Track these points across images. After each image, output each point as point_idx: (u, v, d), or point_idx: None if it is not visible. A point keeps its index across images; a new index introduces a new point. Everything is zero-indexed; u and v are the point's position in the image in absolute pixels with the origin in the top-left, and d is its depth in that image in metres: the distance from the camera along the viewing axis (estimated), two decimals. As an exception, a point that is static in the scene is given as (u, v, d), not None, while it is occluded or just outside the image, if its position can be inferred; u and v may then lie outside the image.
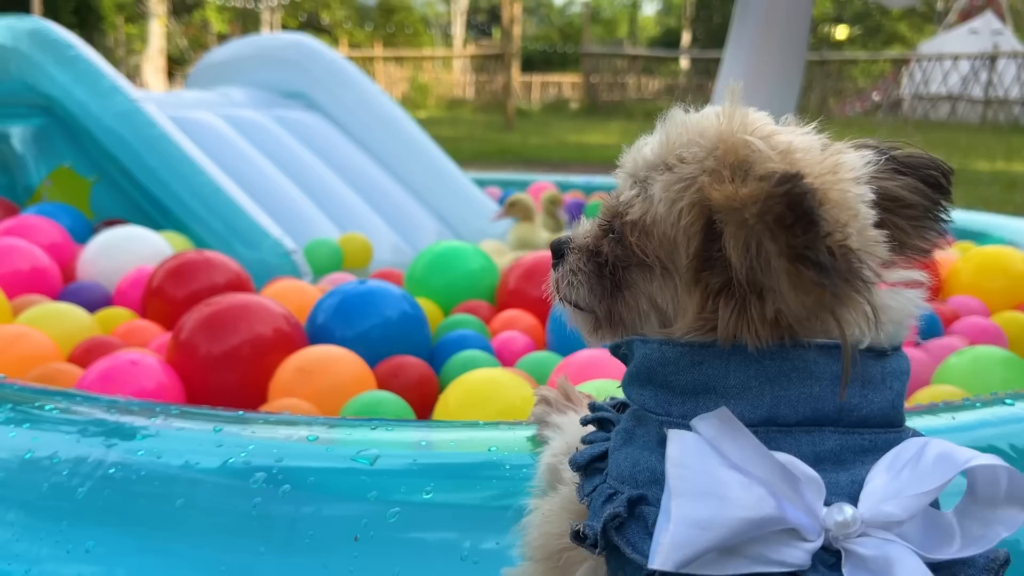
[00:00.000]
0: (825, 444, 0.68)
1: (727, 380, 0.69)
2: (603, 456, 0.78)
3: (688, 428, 0.68)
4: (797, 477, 0.64)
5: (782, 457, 0.64)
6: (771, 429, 0.68)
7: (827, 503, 0.64)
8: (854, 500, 0.65)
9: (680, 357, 0.71)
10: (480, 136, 13.78)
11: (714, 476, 0.63)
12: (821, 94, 18.91)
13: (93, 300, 2.60)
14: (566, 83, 23.25)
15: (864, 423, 0.69)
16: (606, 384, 1.16)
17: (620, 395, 1.08)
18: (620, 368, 1.65)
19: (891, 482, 0.65)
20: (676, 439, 0.65)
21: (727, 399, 0.69)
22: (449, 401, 1.59)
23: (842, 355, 0.67)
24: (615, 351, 0.82)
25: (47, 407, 1.38)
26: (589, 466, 0.78)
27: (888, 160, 0.77)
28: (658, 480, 0.67)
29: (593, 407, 0.87)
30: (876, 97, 18.84)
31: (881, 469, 0.66)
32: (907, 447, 0.67)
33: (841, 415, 0.68)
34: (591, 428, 0.87)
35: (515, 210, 3.84)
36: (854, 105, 18.82)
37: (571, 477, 0.83)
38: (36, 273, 2.65)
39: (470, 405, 1.55)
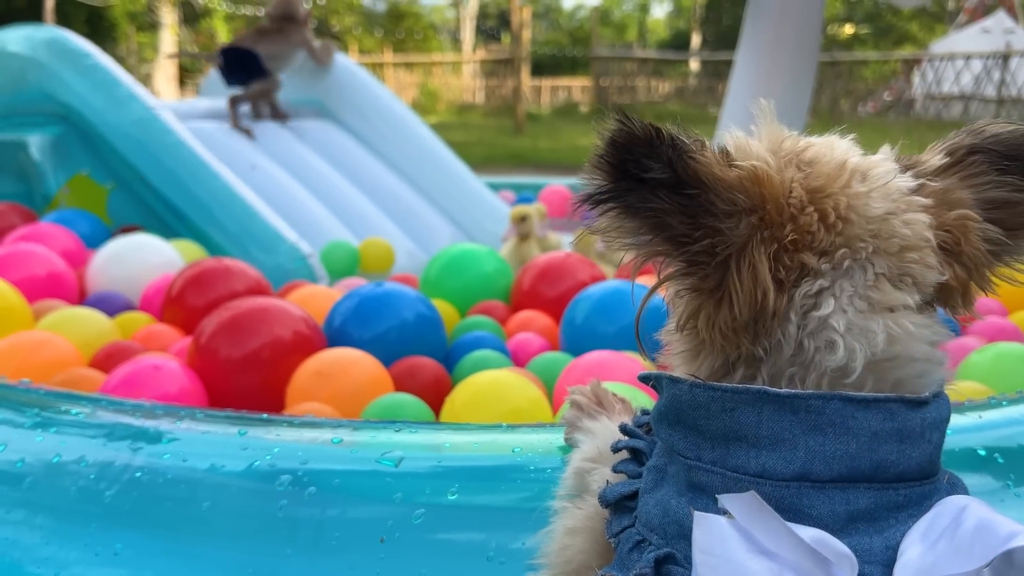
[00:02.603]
0: (859, 502, 0.65)
1: (759, 430, 0.66)
2: (633, 495, 0.75)
3: (719, 474, 0.67)
4: (828, 559, 0.61)
5: (811, 534, 0.62)
6: (803, 485, 0.65)
7: (862, 574, 0.62)
8: (888, 568, 0.63)
9: (711, 402, 0.68)
10: (490, 140, 13.79)
11: (743, 565, 0.61)
12: (832, 95, 18.83)
13: (115, 310, 2.62)
14: (576, 87, 23.22)
15: (900, 478, 0.66)
16: (616, 387, 1.16)
17: (642, 400, 1.09)
18: (627, 370, 1.66)
19: (926, 554, 0.62)
20: (702, 523, 0.63)
21: (759, 449, 0.66)
22: (456, 403, 1.60)
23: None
24: (646, 380, 0.80)
25: (73, 411, 1.39)
26: (618, 503, 0.77)
27: (987, 157, 0.73)
28: (686, 535, 0.65)
29: (625, 430, 0.84)
30: (888, 97, 18.75)
31: (916, 538, 0.63)
32: (943, 511, 0.64)
33: (877, 472, 0.66)
34: (621, 441, 0.84)
35: (525, 226, 3.66)
36: (866, 105, 18.73)
37: (597, 488, 0.81)
38: (53, 279, 2.67)
39: (477, 407, 1.55)
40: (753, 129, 0.74)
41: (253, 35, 4.54)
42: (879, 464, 0.65)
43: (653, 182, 0.65)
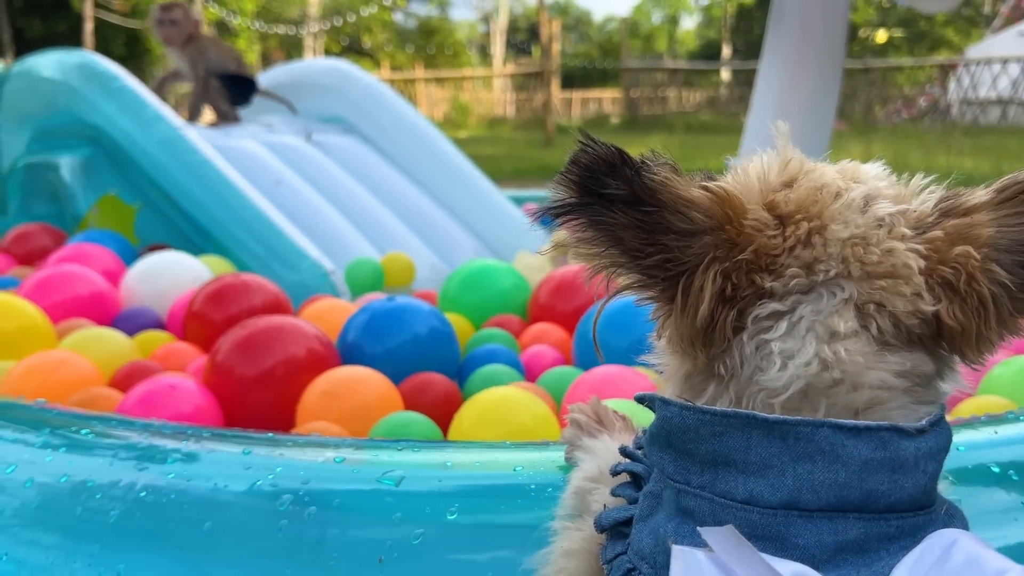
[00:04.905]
0: (848, 533, 0.64)
1: (748, 455, 0.66)
2: (629, 521, 0.75)
3: (707, 500, 0.66)
4: None
5: (792, 569, 0.61)
6: (791, 513, 0.64)
7: None
8: None
9: (701, 425, 0.68)
10: (520, 153, 13.80)
11: None
12: (866, 102, 18.62)
13: (145, 326, 2.65)
14: (606, 98, 23.23)
15: (891, 509, 0.65)
16: (618, 404, 1.15)
17: (644, 417, 1.07)
18: (634, 385, 1.64)
19: None
20: (680, 558, 0.62)
21: (747, 475, 0.65)
22: (464, 421, 1.59)
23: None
24: (641, 401, 0.80)
25: (83, 431, 1.41)
26: (614, 528, 0.76)
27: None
28: None
29: (624, 452, 0.83)
30: (923, 103, 18.49)
31: (903, 573, 0.62)
32: (933, 545, 0.63)
33: (867, 502, 0.64)
34: (620, 464, 0.84)
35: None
36: (900, 112, 18.48)
37: (597, 508, 0.81)
38: (96, 298, 2.71)
39: (485, 424, 1.55)
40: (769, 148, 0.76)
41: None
42: (869, 494, 0.64)
43: (610, 197, 0.68)
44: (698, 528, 0.63)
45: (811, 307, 0.68)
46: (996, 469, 1.14)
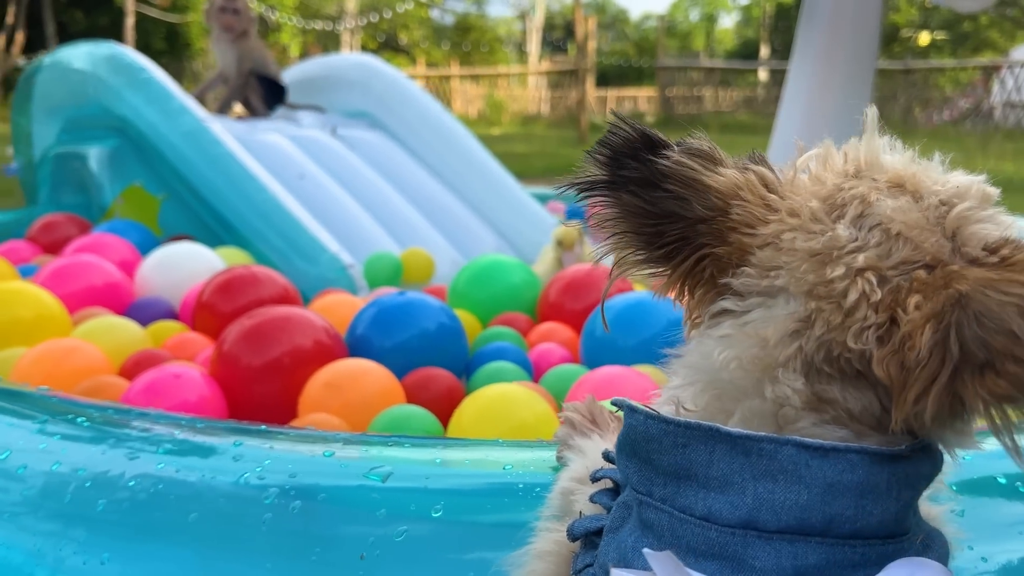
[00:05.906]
0: (808, 558, 0.60)
1: (710, 470, 0.63)
2: (600, 531, 0.73)
3: (667, 514, 0.64)
4: None
5: None
6: (750, 533, 0.61)
7: None
8: None
9: (664, 435, 0.66)
10: (553, 151, 13.76)
11: None
12: (906, 103, 18.30)
13: (158, 315, 2.67)
14: (641, 97, 23.09)
15: (856, 535, 0.61)
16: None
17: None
18: (638, 386, 1.61)
19: None
20: None
21: (708, 491, 0.63)
22: (463, 417, 1.57)
23: None
24: (616, 406, 0.78)
25: (78, 419, 1.41)
26: (586, 537, 0.74)
27: None
28: None
29: (607, 457, 0.80)
30: (965, 105, 18.13)
31: None
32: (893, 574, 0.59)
33: (830, 527, 0.60)
34: (600, 470, 0.81)
35: (561, 248, 3.34)
36: (941, 114, 18.15)
37: (579, 509, 0.79)
38: (111, 288, 2.74)
39: (484, 421, 1.53)
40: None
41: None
42: (832, 518, 0.60)
43: (626, 179, 0.70)
44: (644, 552, 0.60)
45: (764, 312, 0.66)
46: (1003, 480, 1.10)
